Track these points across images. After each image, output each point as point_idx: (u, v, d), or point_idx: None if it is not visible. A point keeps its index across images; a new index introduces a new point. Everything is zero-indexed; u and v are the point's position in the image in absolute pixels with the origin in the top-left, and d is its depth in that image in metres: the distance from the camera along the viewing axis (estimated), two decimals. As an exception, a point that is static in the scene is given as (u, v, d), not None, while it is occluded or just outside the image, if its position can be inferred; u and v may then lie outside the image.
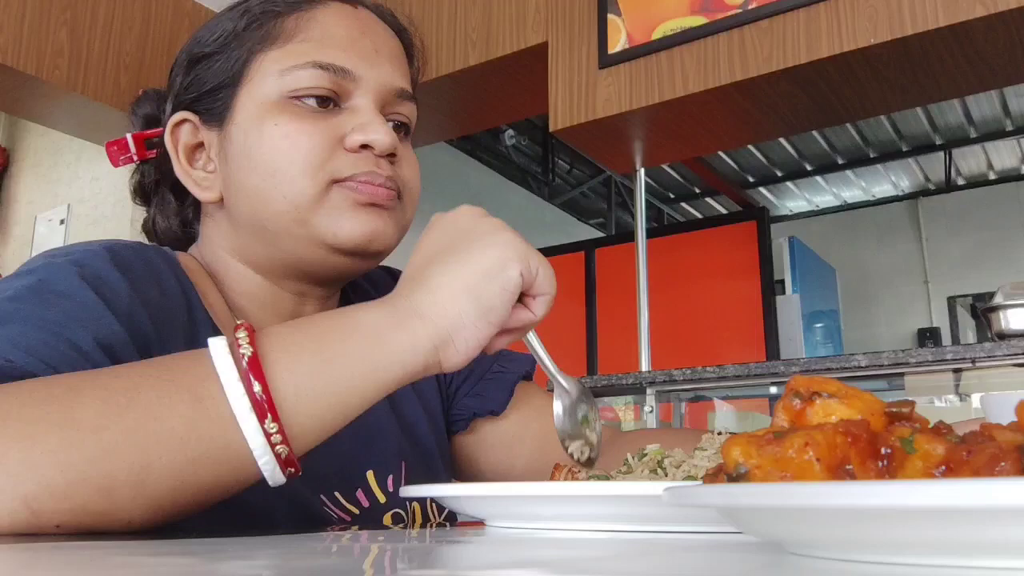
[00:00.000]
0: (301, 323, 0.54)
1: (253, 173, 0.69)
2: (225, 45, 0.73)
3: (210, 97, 0.73)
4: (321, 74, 0.69)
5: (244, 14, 0.73)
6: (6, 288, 0.58)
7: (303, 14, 0.72)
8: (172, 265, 0.71)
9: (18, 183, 3.42)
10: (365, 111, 0.71)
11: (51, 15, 2.43)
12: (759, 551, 0.37)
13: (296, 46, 0.71)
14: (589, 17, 2.26)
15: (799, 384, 0.35)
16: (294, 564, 0.36)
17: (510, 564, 0.37)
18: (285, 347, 0.50)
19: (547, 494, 0.51)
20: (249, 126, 0.70)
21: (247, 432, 0.47)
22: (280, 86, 0.69)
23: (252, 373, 0.47)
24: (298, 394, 0.49)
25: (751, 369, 2.42)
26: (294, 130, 0.68)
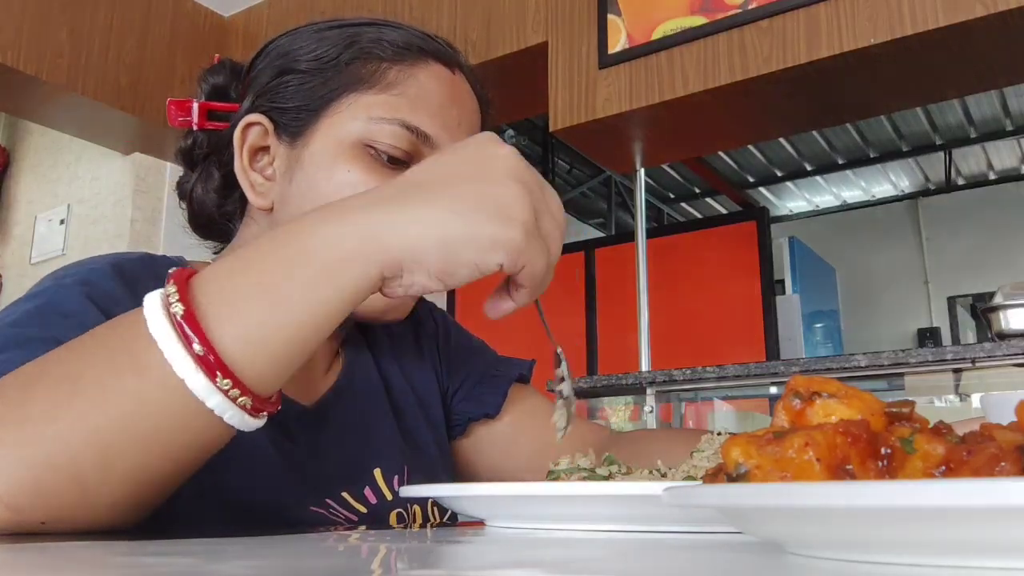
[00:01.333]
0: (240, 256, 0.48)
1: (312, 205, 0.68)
2: (322, 70, 0.73)
3: (291, 113, 0.73)
4: (405, 134, 0.69)
5: (350, 46, 0.73)
6: (12, 313, 0.59)
7: (405, 68, 0.72)
8: None
9: (18, 183, 3.42)
10: None
11: (51, 15, 2.43)
12: (759, 551, 0.37)
13: (390, 98, 0.71)
14: (589, 17, 2.26)
15: (799, 384, 0.35)
16: (294, 564, 0.36)
17: (510, 564, 0.37)
18: (223, 296, 0.46)
19: (547, 494, 0.51)
20: (322, 160, 0.70)
21: (199, 393, 0.44)
22: (363, 131, 0.69)
23: (191, 330, 0.44)
24: (247, 343, 0.45)
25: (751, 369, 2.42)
26: (363, 182, 0.68)
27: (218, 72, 0.80)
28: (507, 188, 0.48)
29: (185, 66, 2.79)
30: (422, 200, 0.48)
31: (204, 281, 0.47)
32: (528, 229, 0.48)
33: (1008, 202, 5.94)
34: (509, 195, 0.48)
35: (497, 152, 0.50)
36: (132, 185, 2.85)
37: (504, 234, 0.47)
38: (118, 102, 2.57)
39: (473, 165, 0.50)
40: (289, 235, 0.48)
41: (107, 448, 0.44)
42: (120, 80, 2.59)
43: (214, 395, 0.44)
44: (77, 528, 0.45)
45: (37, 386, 0.45)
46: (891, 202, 6.41)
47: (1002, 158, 5.83)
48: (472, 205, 0.47)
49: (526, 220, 0.48)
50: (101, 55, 2.55)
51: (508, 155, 0.50)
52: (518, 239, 0.48)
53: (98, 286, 0.61)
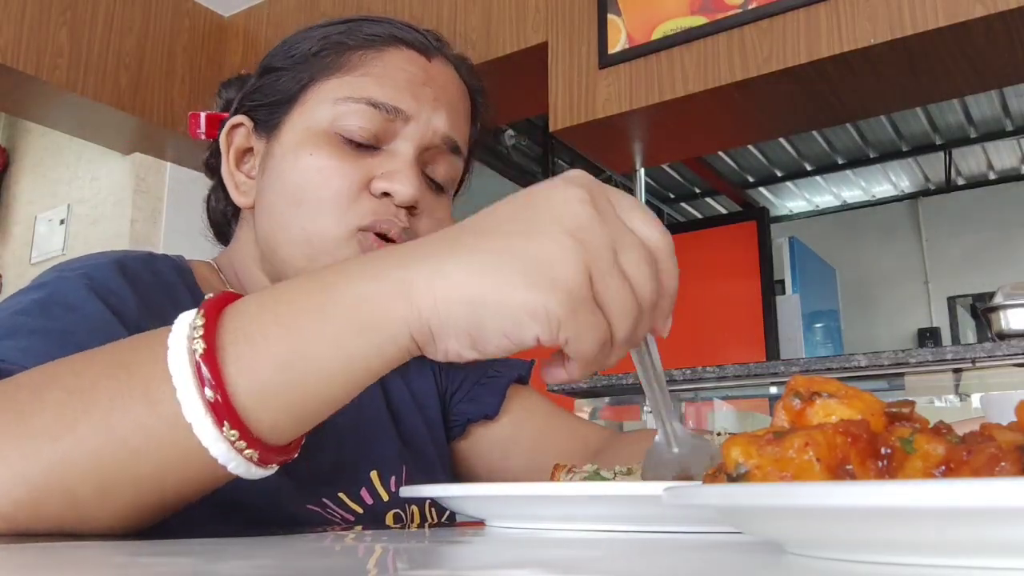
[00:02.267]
0: (273, 295, 0.45)
1: (280, 195, 0.70)
2: (295, 64, 0.73)
3: (268, 109, 0.73)
4: (371, 111, 0.68)
5: (322, 39, 0.73)
6: (15, 303, 0.59)
7: (370, 52, 0.72)
8: (184, 275, 0.72)
9: (18, 183, 3.42)
10: (400, 157, 0.69)
11: (51, 15, 2.43)
12: (759, 551, 0.37)
13: (355, 79, 0.70)
14: (589, 17, 2.26)
15: (799, 384, 0.35)
16: (294, 564, 0.36)
17: (510, 564, 0.37)
18: (248, 336, 0.42)
19: (547, 494, 0.51)
20: (289, 148, 0.70)
21: (204, 440, 0.41)
22: (330, 115, 0.69)
23: (208, 371, 0.41)
24: (263, 392, 0.42)
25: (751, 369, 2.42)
26: (328, 166, 0.68)
27: (231, 86, 0.82)
28: (553, 243, 0.40)
29: (185, 66, 2.79)
30: (459, 254, 0.42)
31: (234, 316, 0.43)
32: (575, 296, 0.40)
33: (1008, 202, 5.94)
34: (553, 252, 0.40)
35: (555, 195, 0.41)
36: (132, 185, 2.85)
37: (538, 302, 0.40)
38: (118, 102, 2.57)
39: (524, 211, 0.42)
40: (326, 282, 0.44)
41: (106, 478, 0.42)
42: (120, 80, 2.59)
43: (219, 443, 0.42)
44: None
45: (48, 396, 0.43)
46: (891, 202, 6.41)
47: (1002, 158, 5.82)
48: (506, 264, 0.40)
49: (572, 285, 0.40)
50: (101, 55, 2.55)
51: (567, 199, 0.41)
52: (556, 309, 0.40)
53: (101, 280, 0.61)
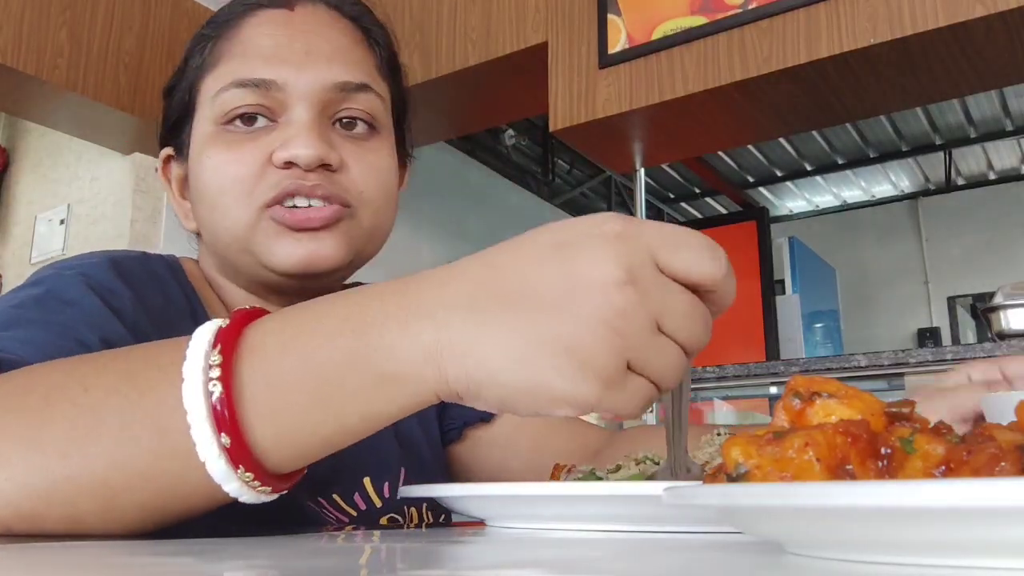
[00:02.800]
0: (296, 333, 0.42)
1: (202, 207, 0.70)
2: (180, 78, 0.73)
3: (175, 132, 0.73)
4: (243, 92, 0.67)
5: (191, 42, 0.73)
6: (12, 298, 0.59)
7: (230, 33, 0.70)
8: (176, 273, 0.72)
9: (18, 183, 3.42)
10: (295, 123, 0.67)
11: (51, 15, 2.43)
12: (759, 551, 0.37)
13: (223, 67, 0.69)
14: (589, 17, 2.26)
15: (799, 384, 0.35)
16: (294, 564, 0.36)
17: (510, 564, 0.37)
18: (268, 380, 0.41)
19: (547, 494, 0.51)
20: (194, 159, 0.70)
21: (217, 477, 0.41)
22: (211, 113, 0.68)
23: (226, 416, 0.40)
24: (279, 437, 0.41)
25: (751, 369, 2.42)
26: (223, 160, 0.67)
27: None
28: (589, 333, 0.38)
29: (185, 66, 2.79)
30: (492, 329, 0.39)
31: (253, 354, 0.42)
32: (609, 384, 0.39)
33: (1008, 202, 5.94)
34: (588, 344, 0.38)
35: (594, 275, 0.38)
36: (132, 185, 2.85)
37: (570, 392, 0.39)
38: (118, 102, 2.57)
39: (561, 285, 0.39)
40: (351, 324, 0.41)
41: (111, 499, 0.42)
42: (120, 80, 2.58)
43: (232, 481, 0.41)
44: None
45: (57, 407, 0.42)
46: (891, 202, 6.41)
47: (1002, 158, 5.82)
48: (540, 353, 0.39)
49: (606, 376, 0.38)
50: (101, 55, 2.55)
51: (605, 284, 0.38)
52: (589, 398, 0.39)
53: (96, 278, 0.62)
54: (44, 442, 0.41)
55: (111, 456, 0.41)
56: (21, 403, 0.43)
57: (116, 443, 0.41)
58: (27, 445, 0.41)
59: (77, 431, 0.41)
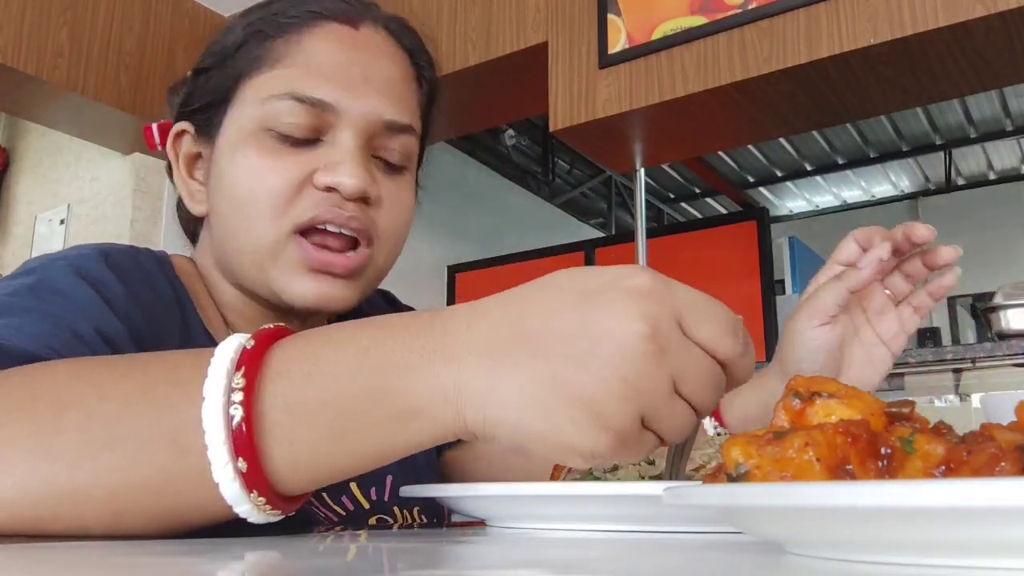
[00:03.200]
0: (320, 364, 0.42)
1: (225, 200, 0.68)
2: (221, 62, 0.71)
3: (204, 112, 0.71)
4: (298, 107, 0.65)
5: (244, 30, 0.71)
6: (6, 286, 0.58)
7: (292, 37, 0.68)
8: (165, 268, 0.71)
9: (18, 183, 3.42)
10: (342, 148, 0.66)
11: (51, 15, 2.43)
12: (759, 551, 0.37)
13: (279, 72, 0.67)
14: (589, 17, 2.26)
15: (799, 384, 0.35)
16: (294, 564, 0.36)
17: (510, 564, 0.37)
18: (290, 410, 0.41)
19: (547, 494, 0.51)
20: (225, 152, 0.68)
21: (229, 499, 0.41)
22: (258, 115, 0.67)
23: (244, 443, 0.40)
24: (295, 466, 0.42)
25: (751, 369, 2.42)
26: (262, 166, 0.66)
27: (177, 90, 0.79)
28: (607, 388, 0.38)
29: (185, 66, 2.78)
30: (512, 374, 0.40)
31: (276, 380, 0.41)
32: (621, 438, 0.39)
33: (1008, 202, 5.94)
34: (605, 399, 0.38)
35: (618, 331, 0.38)
36: (132, 185, 2.85)
37: (583, 445, 0.39)
38: (118, 102, 2.57)
39: (582, 336, 0.39)
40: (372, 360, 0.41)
41: (120, 512, 0.42)
42: (120, 80, 2.58)
43: (244, 504, 0.41)
44: None
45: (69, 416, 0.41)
46: (891, 202, 6.41)
47: (1002, 158, 5.82)
48: (556, 404, 0.39)
49: (621, 431, 0.39)
50: (101, 55, 2.55)
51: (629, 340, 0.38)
52: (602, 452, 0.40)
53: (87, 269, 0.61)
54: (54, 450, 0.41)
55: (123, 470, 0.41)
56: (30, 406, 0.42)
57: (129, 458, 0.41)
58: (36, 452, 0.41)
59: (89, 442, 0.41)
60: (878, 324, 0.74)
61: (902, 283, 0.74)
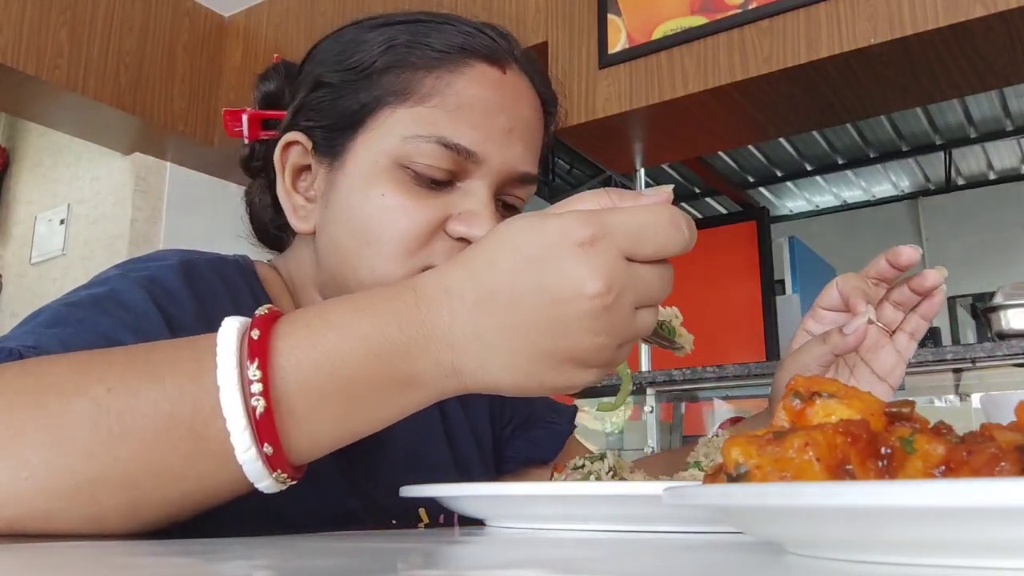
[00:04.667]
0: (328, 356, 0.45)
1: (348, 233, 0.66)
2: (354, 81, 0.67)
3: (327, 130, 0.68)
4: (443, 152, 0.63)
5: (385, 53, 0.67)
6: (73, 295, 0.59)
7: (443, 75, 0.66)
8: (249, 279, 0.70)
9: (18, 183, 3.42)
10: (477, 198, 0.65)
11: (51, 15, 2.43)
12: (759, 551, 0.37)
13: (427, 111, 0.64)
14: (589, 17, 2.26)
15: (799, 384, 0.35)
16: (294, 564, 0.36)
17: (510, 564, 0.37)
18: (306, 398, 0.45)
19: (547, 494, 0.51)
20: (356, 183, 0.66)
21: (252, 476, 0.44)
22: (398, 150, 0.64)
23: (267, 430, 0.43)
24: (313, 443, 0.46)
25: (751, 369, 2.42)
26: (398, 205, 0.64)
27: (270, 78, 0.75)
28: (578, 342, 0.45)
29: (185, 66, 2.79)
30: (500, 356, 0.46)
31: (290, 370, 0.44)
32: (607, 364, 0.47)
33: (1008, 202, 5.94)
34: (581, 348, 0.45)
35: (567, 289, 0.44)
36: (132, 185, 2.84)
37: (574, 383, 0.47)
38: (118, 102, 2.57)
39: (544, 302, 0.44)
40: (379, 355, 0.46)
41: (137, 499, 0.43)
42: (120, 80, 2.58)
43: (265, 479, 0.45)
44: None
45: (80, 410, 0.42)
46: (891, 202, 6.41)
47: (1002, 158, 5.82)
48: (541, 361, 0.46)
49: (604, 361, 0.47)
50: (101, 55, 2.55)
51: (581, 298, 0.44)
52: (590, 381, 0.48)
53: (162, 283, 0.61)
54: (66, 442, 0.41)
55: (142, 458, 0.42)
56: (36, 400, 0.42)
57: (148, 447, 0.42)
58: (48, 445, 0.41)
59: (102, 432, 0.42)
60: (873, 361, 0.73)
61: (892, 313, 0.74)
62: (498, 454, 0.88)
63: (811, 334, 0.76)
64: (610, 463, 0.60)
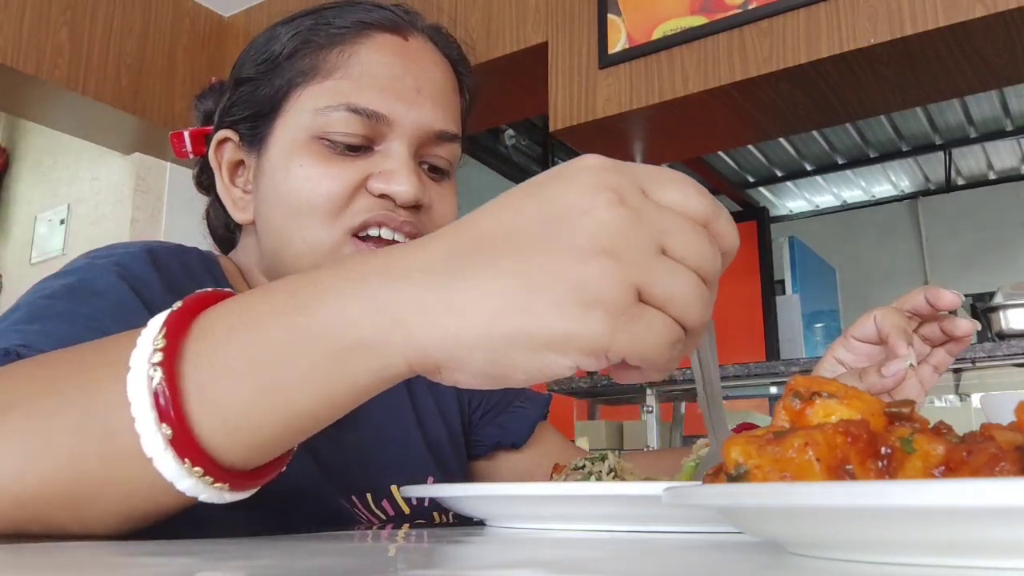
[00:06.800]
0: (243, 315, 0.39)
1: (278, 211, 0.69)
2: (268, 71, 0.71)
3: (250, 122, 0.72)
4: (354, 118, 0.67)
5: (293, 38, 0.71)
6: (45, 287, 0.59)
7: (346, 48, 0.69)
8: (212, 268, 0.72)
9: (18, 183, 3.42)
10: (395, 157, 0.68)
11: (51, 15, 2.43)
12: (759, 551, 0.37)
13: (334, 84, 0.68)
14: (589, 17, 2.26)
15: (799, 384, 0.35)
16: (294, 564, 0.36)
17: (510, 564, 0.37)
18: (214, 368, 0.38)
19: (547, 494, 0.51)
20: (279, 163, 0.69)
21: (167, 475, 0.38)
22: (312, 125, 0.67)
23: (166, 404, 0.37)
24: (228, 428, 0.38)
25: (751, 369, 2.42)
26: (317, 173, 0.67)
27: (207, 97, 0.80)
28: (585, 262, 0.34)
29: (185, 66, 2.79)
30: (469, 278, 0.35)
31: (200, 337, 0.38)
32: (618, 316, 0.34)
33: (1008, 202, 5.94)
34: (587, 275, 0.34)
35: (580, 202, 0.35)
36: (132, 185, 2.84)
37: (576, 332, 0.34)
38: (118, 102, 2.57)
39: (544, 223, 0.35)
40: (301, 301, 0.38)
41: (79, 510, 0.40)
42: (120, 80, 2.58)
43: (185, 479, 0.38)
44: None
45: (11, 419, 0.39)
46: (891, 202, 6.41)
47: (1002, 158, 5.82)
48: (533, 288, 0.34)
49: (615, 306, 0.34)
50: (101, 55, 2.55)
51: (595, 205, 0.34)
52: (599, 334, 0.34)
53: (131, 268, 0.62)
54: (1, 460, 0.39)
55: (66, 469, 0.39)
56: None
57: (68, 455, 0.39)
58: None
59: (29, 446, 0.39)
60: (897, 392, 0.72)
61: (921, 346, 0.74)
62: (468, 438, 0.88)
63: (840, 362, 0.76)
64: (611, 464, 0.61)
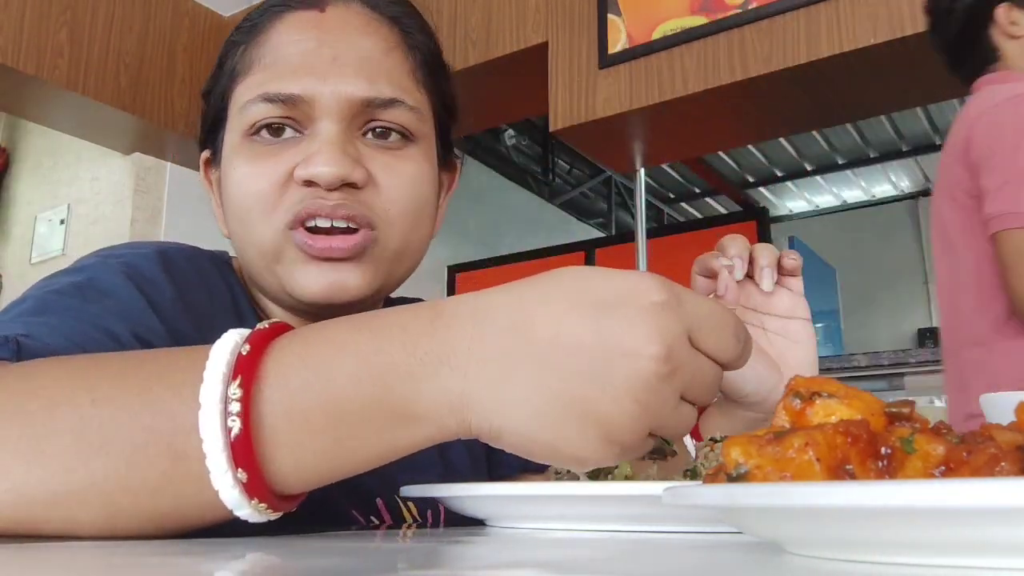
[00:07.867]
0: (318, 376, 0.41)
1: (231, 218, 0.68)
2: (216, 82, 0.72)
3: (211, 136, 0.72)
4: (269, 107, 0.64)
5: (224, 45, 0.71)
6: (54, 282, 0.59)
7: (259, 38, 0.68)
8: (223, 270, 0.71)
9: (18, 183, 3.42)
10: (319, 137, 0.64)
11: (51, 15, 2.43)
12: (759, 551, 0.37)
13: (252, 78, 0.66)
14: (589, 17, 2.26)
15: (799, 384, 0.35)
16: (293, 564, 0.36)
17: (510, 564, 0.37)
18: (290, 419, 0.40)
19: (547, 494, 0.51)
20: (224, 169, 0.69)
21: (229, 504, 0.40)
22: (240, 122, 0.66)
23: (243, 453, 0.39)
24: (296, 472, 0.41)
25: (751, 369, 2.42)
26: (248, 172, 0.65)
27: None
28: (618, 405, 0.39)
29: (185, 66, 2.79)
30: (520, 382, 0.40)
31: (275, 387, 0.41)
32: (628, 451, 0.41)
33: (1008, 202, 5.93)
34: (617, 415, 0.39)
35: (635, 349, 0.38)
36: (132, 185, 2.84)
37: (589, 456, 0.40)
38: (118, 102, 2.57)
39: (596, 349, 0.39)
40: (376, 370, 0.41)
41: (116, 515, 0.41)
42: (120, 80, 2.58)
43: (244, 508, 0.41)
44: None
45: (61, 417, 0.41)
46: (891, 202, 6.41)
47: (1002, 158, 5.82)
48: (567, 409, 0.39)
49: (629, 445, 0.40)
50: (101, 55, 2.55)
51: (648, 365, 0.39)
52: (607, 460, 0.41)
53: (140, 269, 0.61)
54: (47, 454, 0.40)
55: (119, 474, 0.40)
56: (22, 408, 0.41)
57: (125, 462, 0.40)
58: (29, 456, 0.40)
59: (83, 445, 0.40)
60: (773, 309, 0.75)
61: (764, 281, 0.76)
62: (491, 461, 0.87)
63: None
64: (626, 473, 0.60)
